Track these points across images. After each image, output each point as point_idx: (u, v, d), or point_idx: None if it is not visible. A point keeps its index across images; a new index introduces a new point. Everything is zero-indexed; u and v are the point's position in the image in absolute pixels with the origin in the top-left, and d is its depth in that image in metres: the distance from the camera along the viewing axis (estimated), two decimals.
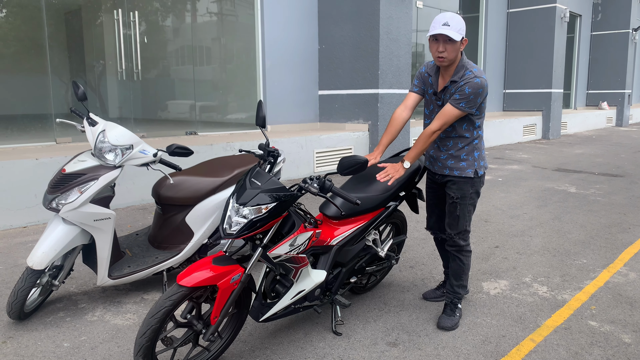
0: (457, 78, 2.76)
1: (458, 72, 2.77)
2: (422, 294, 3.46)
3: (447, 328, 2.97)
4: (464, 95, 2.71)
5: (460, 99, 2.72)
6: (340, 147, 8.41)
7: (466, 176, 2.91)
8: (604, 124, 17.89)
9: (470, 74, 2.73)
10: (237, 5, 8.42)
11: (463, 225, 2.98)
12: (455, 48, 2.68)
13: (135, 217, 5.48)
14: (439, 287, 3.42)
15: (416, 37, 11.36)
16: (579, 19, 17.07)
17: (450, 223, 3.01)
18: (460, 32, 2.65)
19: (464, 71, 2.76)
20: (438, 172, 3.02)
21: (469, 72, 2.75)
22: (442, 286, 3.42)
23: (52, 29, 6.45)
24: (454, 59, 2.74)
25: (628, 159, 9.98)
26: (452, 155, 2.93)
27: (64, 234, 2.94)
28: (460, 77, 2.75)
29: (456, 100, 2.73)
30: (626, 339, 2.86)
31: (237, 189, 2.46)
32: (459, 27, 2.65)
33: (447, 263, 3.37)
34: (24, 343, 2.82)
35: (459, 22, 2.65)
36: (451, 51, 2.68)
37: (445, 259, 3.40)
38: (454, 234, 3.01)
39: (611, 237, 4.79)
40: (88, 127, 3.16)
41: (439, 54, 2.70)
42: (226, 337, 2.62)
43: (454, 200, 2.95)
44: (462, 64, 2.78)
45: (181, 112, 8.01)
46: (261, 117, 2.89)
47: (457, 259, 3.06)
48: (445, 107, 2.77)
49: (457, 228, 2.99)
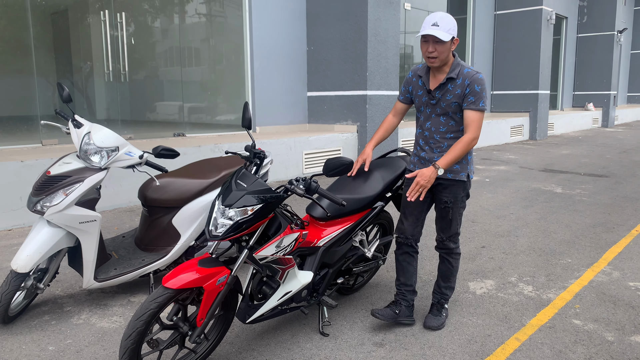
0: (454, 75, 2.73)
1: (454, 69, 2.75)
2: (370, 310, 3.14)
3: (434, 328, 2.97)
4: (478, 94, 2.70)
5: (477, 99, 2.71)
6: (329, 148, 8.42)
7: (459, 179, 2.86)
8: (590, 125, 18.11)
9: (470, 71, 2.72)
10: (225, 7, 8.41)
11: (455, 228, 2.96)
12: (445, 48, 2.67)
13: (121, 219, 5.44)
14: (389, 306, 3.05)
15: (404, 39, 11.41)
16: (565, 21, 17.28)
17: (442, 227, 2.98)
18: (450, 31, 2.64)
19: (461, 68, 2.74)
20: None
21: (467, 69, 2.74)
22: (393, 305, 3.05)
23: (38, 30, 6.40)
24: (445, 59, 2.72)
25: (613, 160, 10.11)
26: None
27: (48, 236, 2.92)
28: (457, 73, 2.73)
29: (474, 103, 2.71)
30: (609, 337, 2.90)
31: (223, 190, 2.46)
32: (449, 27, 2.63)
33: (405, 275, 3.06)
34: (8, 347, 2.80)
35: (448, 22, 2.64)
36: (441, 51, 2.67)
37: (403, 271, 3.07)
38: (445, 238, 2.98)
39: (596, 236, 4.85)
40: (73, 129, 3.14)
41: (429, 54, 2.69)
42: (213, 339, 2.62)
43: (447, 205, 2.90)
44: (456, 62, 2.76)
45: (169, 113, 7.97)
46: (247, 118, 2.89)
47: (447, 261, 3.04)
48: (468, 115, 2.73)
49: (449, 231, 2.96)
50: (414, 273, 3.08)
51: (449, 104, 2.79)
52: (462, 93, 2.73)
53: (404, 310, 3.02)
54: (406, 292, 3.06)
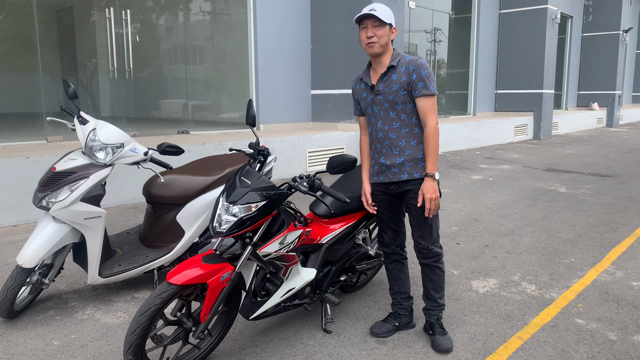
0: (395, 63, 2.63)
1: (395, 58, 2.65)
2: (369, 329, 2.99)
3: (449, 348, 2.73)
4: (426, 78, 2.58)
5: (427, 84, 2.58)
6: (332, 146, 8.43)
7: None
8: (594, 125, 18.04)
9: (412, 58, 2.63)
10: (230, 5, 8.42)
11: (436, 232, 2.78)
12: (384, 32, 2.59)
13: (126, 215, 5.47)
14: (388, 319, 2.98)
15: (408, 38, 11.40)
16: (570, 20, 17.21)
17: (423, 234, 2.76)
18: (387, 18, 2.57)
19: (402, 57, 2.65)
20: (394, 179, 2.72)
21: (408, 57, 2.64)
22: (392, 317, 2.98)
23: (43, 27, 6.42)
24: (385, 45, 2.62)
25: (617, 160, 10.07)
26: (409, 157, 2.68)
27: (54, 232, 2.94)
28: (399, 61, 2.64)
29: (425, 88, 2.58)
30: (612, 337, 2.90)
31: (227, 187, 2.47)
32: (386, 14, 2.57)
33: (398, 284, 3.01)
34: (14, 341, 2.82)
35: (385, 9, 2.59)
36: (380, 35, 2.58)
37: (395, 279, 3.01)
38: (430, 244, 2.77)
39: (599, 236, 4.84)
40: (79, 125, 3.16)
41: (368, 40, 2.60)
42: (216, 335, 2.63)
43: (424, 209, 2.70)
44: (397, 52, 2.68)
45: (173, 111, 7.99)
46: (251, 116, 2.90)
47: (437, 268, 2.82)
48: (421, 103, 2.60)
49: (431, 237, 2.76)
50: (407, 279, 3.01)
51: (396, 94, 2.63)
52: (409, 80, 2.60)
53: (404, 319, 2.97)
54: (402, 300, 2.99)
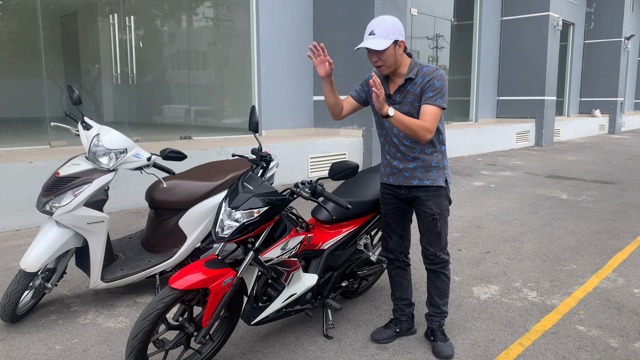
0: (412, 75, 2.57)
1: (412, 69, 2.59)
2: (370, 335, 2.99)
3: (450, 355, 2.73)
4: (437, 90, 2.52)
5: (435, 95, 2.52)
6: (334, 152, 8.45)
7: (438, 185, 2.70)
8: (596, 132, 18.05)
9: (430, 69, 2.57)
10: (233, 11, 8.47)
11: (445, 239, 2.79)
12: (388, 55, 2.52)
13: (128, 220, 5.48)
14: (389, 325, 2.98)
15: (410, 44, 11.44)
16: (572, 27, 17.26)
17: (431, 241, 2.78)
18: (389, 36, 2.48)
19: (419, 67, 2.59)
20: (404, 184, 2.73)
21: (426, 67, 2.58)
22: (393, 323, 2.98)
23: (47, 33, 6.47)
24: (394, 64, 2.57)
25: (619, 167, 10.07)
26: (422, 164, 2.69)
27: (57, 236, 2.96)
28: (416, 73, 2.58)
29: (432, 98, 2.52)
30: (613, 344, 2.90)
31: (230, 193, 2.49)
32: (387, 32, 2.47)
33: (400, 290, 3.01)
34: (16, 345, 2.83)
35: (386, 27, 2.48)
36: (385, 59, 2.53)
37: (397, 285, 3.01)
38: (438, 251, 2.79)
39: (601, 243, 4.84)
40: (82, 130, 3.18)
41: (375, 64, 2.57)
42: (218, 340, 2.64)
43: (434, 217, 2.72)
44: (414, 62, 2.61)
45: (176, 116, 8.03)
46: (254, 122, 2.92)
47: (442, 274, 2.84)
48: (425, 108, 2.52)
49: (439, 244, 2.78)
50: (409, 286, 3.01)
51: (412, 105, 2.60)
52: (422, 91, 2.56)
53: (405, 326, 2.98)
54: (403, 307, 3.00)
